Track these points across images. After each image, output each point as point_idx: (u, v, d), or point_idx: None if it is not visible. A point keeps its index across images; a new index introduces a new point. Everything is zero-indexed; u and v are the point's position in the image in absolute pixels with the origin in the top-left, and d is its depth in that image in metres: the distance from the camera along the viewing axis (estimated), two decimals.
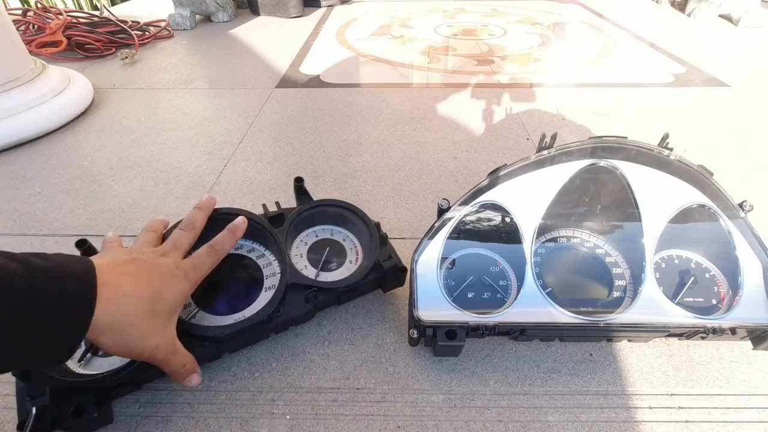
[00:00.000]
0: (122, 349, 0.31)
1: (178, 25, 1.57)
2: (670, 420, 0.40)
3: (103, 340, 0.30)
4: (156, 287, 0.33)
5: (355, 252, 0.50)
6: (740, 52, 1.35)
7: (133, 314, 0.31)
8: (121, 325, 0.30)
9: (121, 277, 0.31)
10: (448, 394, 0.42)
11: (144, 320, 0.31)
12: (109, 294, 0.29)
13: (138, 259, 0.34)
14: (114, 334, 0.30)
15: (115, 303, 0.30)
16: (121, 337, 0.30)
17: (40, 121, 0.87)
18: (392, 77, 1.18)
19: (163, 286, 0.34)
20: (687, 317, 0.42)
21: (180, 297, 0.35)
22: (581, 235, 0.49)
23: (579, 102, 1.01)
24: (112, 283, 0.30)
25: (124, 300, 0.30)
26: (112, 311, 0.29)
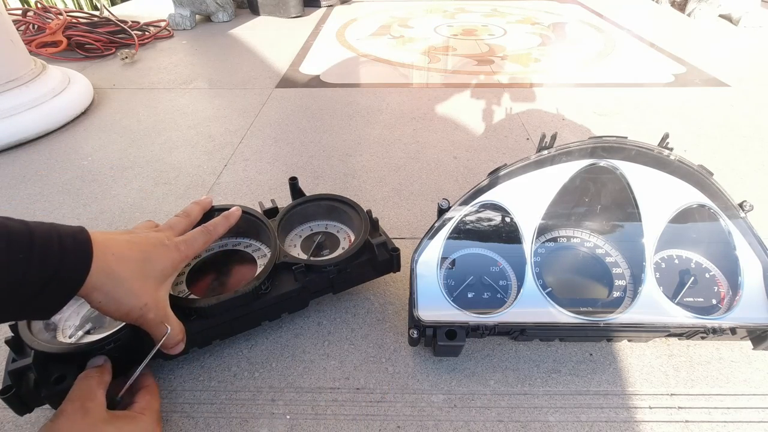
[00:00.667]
0: (112, 306, 0.32)
1: (178, 25, 1.57)
2: (670, 420, 0.40)
3: (95, 297, 0.31)
4: (147, 251, 0.35)
5: (348, 240, 0.50)
6: (740, 52, 1.35)
7: (123, 274, 0.32)
8: (111, 283, 0.31)
9: (113, 242, 0.33)
10: (448, 394, 0.42)
11: (134, 280, 0.33)
12: (102, 254, 0.31)
13: (132, 232, 0.37)
14: (105, 291, 0.31)
15: (107, 262, 0.31)
16: (111, 294, 0.31)
17: (40, 121, 0.87)
18: (392, 77, 1.18)
19: (154, 251, 0.35)
20: (687, 317, 0.42)
21: (170, 264, 0.36)
22: (581, 235, 0.49)
23: (579, 102, 1.01)
24: (103, 245, 0.32)
25: (115, 260, 0.32)
26: (104, 269, 0.31)
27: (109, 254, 0.31)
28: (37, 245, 0.28)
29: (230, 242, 0.50)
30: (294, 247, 0.49)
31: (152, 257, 0.35)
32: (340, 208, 0.51)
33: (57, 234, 0.30)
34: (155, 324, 0.35)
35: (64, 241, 0.30)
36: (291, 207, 0.51)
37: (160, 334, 0.36)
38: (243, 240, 0.50)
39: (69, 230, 0.31)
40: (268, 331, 0.48)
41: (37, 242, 0.28)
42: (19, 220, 0.29)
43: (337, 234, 0.51)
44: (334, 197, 0.52)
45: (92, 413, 0.31)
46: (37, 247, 0.28)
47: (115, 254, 0.32)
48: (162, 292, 0.36)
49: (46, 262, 0.28)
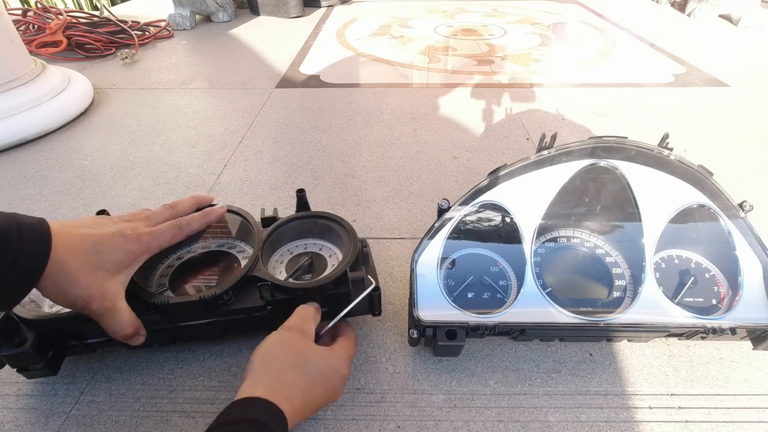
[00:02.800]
0: (58, 295, 0.33)
1: (178, 25, 1.57)
2: (670, 420, 0.40)
3: (44, 284, 0.32)
4: (99, 243, 0.35)
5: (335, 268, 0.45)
6: (740, 52, 1.35)
7: (71, 264, 0.33)
8: (57, 273, 0.32)
9: (68, 233, 0.33)
10: (448, 394, 0.42)
11: (81, 272, 0.33)
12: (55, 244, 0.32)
13: (97, 220, 0.37)
14: (51, 279, 0.32)
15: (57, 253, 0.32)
16: (56, 283, 0.32)
17: (40, 121, 0.87)
18: (392, 77, 1.18)
19: (108, 242, 0.35)
20: (687, 317, 0.42)
21: (126, 256, 0.36)
22: (581, 235, 0.49)
23: (579, 102, 1.01)
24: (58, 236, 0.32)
25: (65, 251, 0.33)
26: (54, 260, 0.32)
27: (60, 245, 0.32)
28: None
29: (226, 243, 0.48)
30: (280, 263, 0.46)
31: (104, 249, 0.35)
32: (337, 230, 0.48)
33: (16, 224, 0.30)
34: (99, 314, 0.35)
35: (24, 232, 0.30)
36: (287, 221, 0.48)
37: (105, 324, 0.36)
38: (238, 243, 0.48)
39: (29, 221, 0.32)
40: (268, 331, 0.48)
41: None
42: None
43: (328, 258, 0.47)
44: (334, 218, 0.48)
45: (306, 337, 0.37)
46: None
47: (67, 245, 0.33)
48: (112, 283, 0.35)
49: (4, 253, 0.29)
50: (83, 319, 0.38)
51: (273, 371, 0.34)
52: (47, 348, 0.40)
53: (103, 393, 0.42)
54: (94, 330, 0.39)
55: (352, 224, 0.47)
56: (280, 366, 0.34)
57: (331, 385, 0.36)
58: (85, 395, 0.42)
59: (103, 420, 0.40)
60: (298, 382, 0.34)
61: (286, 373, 0.34)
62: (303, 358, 0.35)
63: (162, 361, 0.45)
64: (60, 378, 0.43)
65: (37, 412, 0.40)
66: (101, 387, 0.43)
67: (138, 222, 0.39)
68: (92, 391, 0.42)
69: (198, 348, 0.46)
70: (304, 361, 0.35)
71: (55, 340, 0.40)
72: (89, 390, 0.42)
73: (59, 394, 0.42)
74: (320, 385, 0.35)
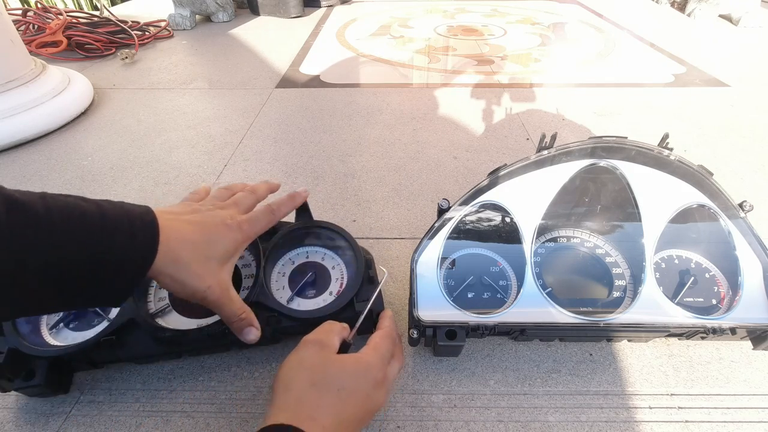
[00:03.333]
0: (178, 287, 0.33)
1: (178, 25, 1.57)
2: (670, 420, 0.40)
3: (162, 279, 0.32)
4: (209, 233, 0.35)
5: (339, 284, 0.45)
6: (740, 52, 1.35)
7: (186, 257, 0.32)
8: (174, 267, 0.32)
9: (178, 223, 0.33)
10: (448, 394, 0.42)
11: (197, 263, 0.33)
12: (166, 238, 0.31)
13: (197, 209, 0.37)
14: (169, 273, 0.32)
15: (170, 246, 0.31)
16: (175, 277, 0.32)
17: (40, 121, 0.87)
18: (392, 77, 1.18)
19: (216, 232, 0.35)
20: (687, 317, 0.42)
21: (232, 245, 0.36)
22: (581, 235, 0.49)
23: (579, 102, 1.01)
24: (168, 228, 0.32)
25: (178, 243, 0.32)
26: (168, 254, 0.31)
27: (172, 239, 0.32)
28: (109, 226, 0.28)
29: None
30: (283, 276, 0.46)
31: (214, 239, 0.35)
32: (342, 245, 0.47)
33: (126, 215, 0.30)
34: (218, 304, 0.35)
35: (134, 222, 0.30)
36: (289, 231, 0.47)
37: (222, 313, 0.36)
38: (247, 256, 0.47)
39: (137, 211, 0.31)
40: None
41: (109, 223, 0.29)
42: (93, 201, 0.30)
43: (332, 270, 0.46)
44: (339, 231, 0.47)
45: (327, 349, 0.35)
46: (108, 228, 0.28)
47: (177, 238, 0.32)
48: (224, 273, 0.36)
49: (116, 244, 0.28)
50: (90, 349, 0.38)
51: (293, 393, 0.32)
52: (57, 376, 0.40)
53: (103, 393, 0.42)
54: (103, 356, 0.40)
55: (352, 224, 0.47)
56: (300, 386, 0.32)
57: (364, 394, 0.33)
58: (85, 395, 0.42)
59: (103, 420, 0.40)
60: (322, 398, 0.31)
61: (306, 392, 0.31)
62: (323, 373, 0.33)
63: (163, 361, 0.45)
64: None
65: (37, 412, 0.40)
66: (101, 387, 0.43)
67: (231, 209, 0.38)
68: (92, 391, 0.42)
69: None
70: (324, 377, 0.32)
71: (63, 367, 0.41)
72: (89, 390, 0.42)
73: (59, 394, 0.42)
74: (351, 397, 0.32)
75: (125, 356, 0.40)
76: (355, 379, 0.33)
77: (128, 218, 0.30)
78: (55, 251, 0.26)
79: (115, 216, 0.29)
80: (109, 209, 0.30)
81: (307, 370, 0.33)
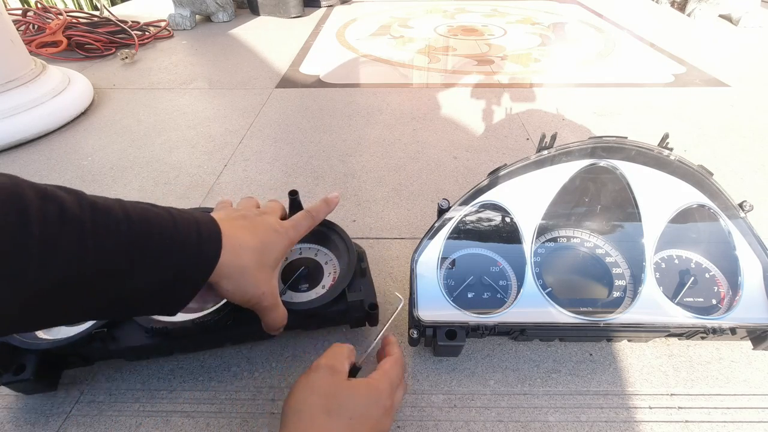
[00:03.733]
0: (238, 294, 0.33)
1: (178, 25, 1.57)
2: (670, 420, 0.40)
3: (224, 285, 0.32)
4: (264, 240, 0.35)
5: (332, 278, 0.45)
6: (740, 52, 1.35)
7: (247, 263, 0.33)
8: (238, 272, 0.33)
9: (236, 230, 0.34)
10: (448, 394, 0.42)
11: (255, 269, 0.34)
12: (229, 244, 0.32)
13: (246, 215, 0.37)
14: (233, 279, 0.32)
15: (234, 252, 0.32)
16: (238, 282, 0.33)
17: (40, 121, 0.87)
18: (392, 77, 1.18)
19: (269, 239, 0.36)
20: (687, 317, 0.42)
21: (281, 251, 0.37)
22: (581, 235, 0.49)
23: (579, 102, 1.01)
24: (230, 235, 0.33)
25: (241, 250, 0.33)
26: (232, 259, 0.32)
27: (236, 245, 0.32)
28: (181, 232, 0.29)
29: None
30: None
31: (269, 245, 0.36)
32: (334, 239, 0.47)
33: (195, 222, 0.31)
34: (268, 311, 0.36)
35: (202, 229, 0.31)
36: None
37: (268, 318, 0.37)
38: None
39: (204, 219, 0.32)
40: None
41: (181, 229, 0.29)
42: (163, 207, 0.31)
43: (324, 266, 0.47)
44: (330, 226, 0.48)
45: (338, 374, 0.34)
46: (181, 234, 0.29)
47: (241, 243, 0.33)
48: (275, 279, 0.37)
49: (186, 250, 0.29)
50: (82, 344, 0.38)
51: (304, 421, 0.31)
52: (47, 372, 0.40)
53: (103, 393, 0.42)
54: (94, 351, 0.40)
55: (352, 224, 0.47)
56: (311, 413, 0.31)
57: (374, 420, 0.33)
58: (85, 395, 0.42)
59: (103, 420, 0.40)
60: (335, 426, 0.31)
61: (319, 420, 0.31)
62: (335, 399, 0.32)
63: (162, 361, 0.45)
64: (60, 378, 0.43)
65: (37, 412, 0.40)
66: (101, 387, 0.43)
67: (272, 216, 0.39)
68: (92, 391, 0.42)
69: None
70: (336, 403, 0.32)
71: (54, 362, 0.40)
72: (89, 390, 0.42)
73: (59, 394, 0.42)
74: (361, 424, 0.32)
75: (116, 351, 0.40)
76: (366, 406, 0.33)
77: (197, 226, 0.31)
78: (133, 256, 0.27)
79: (186, 224, 0.30)
80: (179, 216, 0.31)
81: (319, 395, 0.32)
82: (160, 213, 0.30)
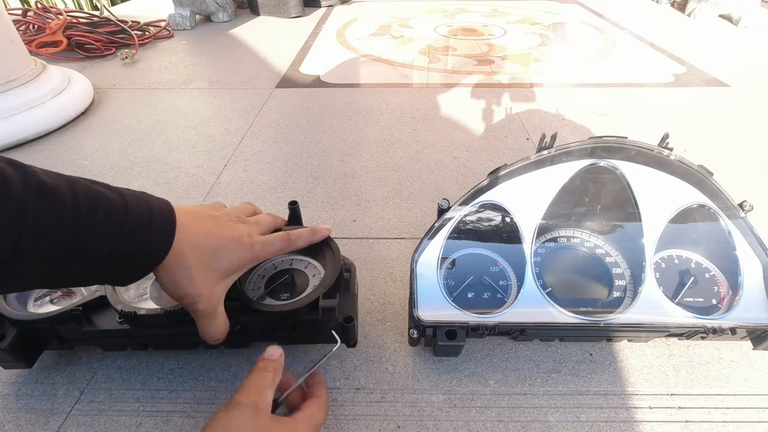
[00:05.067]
0: (171, 287, 0.33)
1: (178, 25, 1.57)
2: (670, 420, 0.40)
3: (160, 275, 0.32)
4: (219, 244, 0.35)
5: None
6: (740, 52, 1.35)
7: (190, 260, 0.32)
8: (177, 267, 0.32)
9: (193, 225, 0.33)
10: (448, 394, 0.42)
11: (198, 269, 0.33)
12: (179, 237, 0.32)
13: (217, 217, 0.37)
14: (170, 272, 0.32)
15: (182, 246, 0.32)
16: (174, 276, 0.32)
17: (40, 121, 0.87)
18: (392, 77, 1.18)
19: (227, 246, 0.35)
20: (687, 317, 0.42)
21: (237, 262, 0.36)
22: (581, 235, 0.49)
23: (579, 102, 1.01)
24: (184, 228, 0.32)
25: (188, 245, 0.32)
26: (177, 252, 0.31)
27: (185, 239, 0.32)
28: (130, 220, 0.29)
29: None
30: (262, 278, 0.44)
31: (223, 251, 0.35)
32: (325, 250, 0.45)
33: (148, 209, 0.31)
34: (202, 315, 0.35)
35: (154, 218, 0.30)
36: None
37: (203, 326, 0.36)
38: None
39: (158, 205, 0.32)
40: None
41: (131, 217, 0.29)
42: (116, 189, 0.30)
43: (311, 278, 0.43)
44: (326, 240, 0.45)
45: (261, 413, 0.32)
46: (130, 221, 0.29)
47: (191, 240, 0.33)
48: (219, 287, 0.35)
49: (134, 238, 0.29)
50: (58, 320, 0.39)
51: None
52: (25, 346, 0.40)
53: (103, 393, 0.42)
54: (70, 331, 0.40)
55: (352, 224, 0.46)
56: None
57: None
58: (85, 395, 0.42)
59: (103, 420, 0.40)
60: None
61: None
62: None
63: (162, 361, 0.45)
64: (60, 378, 0.43)
65: (37, 412, 0.40)
66: (101, 387, 0.43)
67: (251, 227, 0.38)
68: (92, 391, 0.42)
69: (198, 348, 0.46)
70: None
71: (34, 338, 0.41)
72: (89, 390, 0.42)
73: (59, 394, 0.42)
74: None
75: (90, 333, 0.40)
76: None
77: (149, 213, 0.30)
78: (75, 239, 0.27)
79: (138, 210, 0.30)
80: (133, 203, 0.30)
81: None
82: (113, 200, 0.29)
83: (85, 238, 0.27)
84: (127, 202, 0.30)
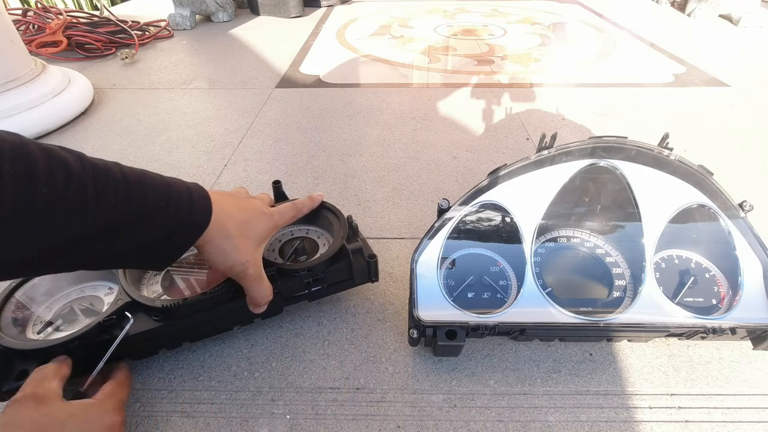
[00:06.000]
0: (220, 259, 0.35)
1: (178, 25, 1.57)
2: (670, 420, 0.40)
3: (207, 249, 0.34)
4: (250, 215, 0.38)
5: (327, 246, 0.48)
6: (740, 52, 1.35)
7: (231, 231, 0.35)
8: (222, 238, 0.35)
9: (224, 203, 0.36)
10: (448, 394, 0.42)
11: (239, 238, 0.36)
12: (217, 211, 0.34)
13: (237, 195, 0.40)
14: (216, 244, 0.34)
15: (219, 220, 0.34)
16: (221, 247, 0.35)
17: (40, 121, 0.87)
18: (392, 77, 1.18)
19: (255, 217, 0.39)
20: (687, 317, 0.42)
21: (266, 230, 0.40)
22: (581, 235, 0.49)
23: (579, 102, 1.01)
24: (218, 203, 0.35)
25: (227, 219, 0.35)
26: (218, 225, 0.34)
27: (222, 212, 0.35)
28: (174, 194, 0.32)
29: None
30: (272, 251, 0.48)
31: (254, 221, 0.38)
32: (322, 213, 0.50)
33: (185, 186, 0.33)
34: (252, 279, 0.38)
35: (193, 195, 0.33)
36: None
37: (254, 290, 0.38)
38: None
39: (193, 186, 0.34)
40: (267, 330, 0.48)
41: (174, 191, 0.32)
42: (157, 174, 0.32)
43: (318, 240, 0.49)
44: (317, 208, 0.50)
45: (45, 401, 0.31)
46: (174, 195, 0.31)
47: (227, 213, 0.35)
48: (258, 253, 0.38)
49: (179, 210, 0.32)
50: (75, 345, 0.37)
51: None
52: None
53: None
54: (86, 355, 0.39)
55: None
56: None
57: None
58: None
59: None
60: None
61: None
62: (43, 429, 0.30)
63: (162, 361, 0.45)
64: None
65: None
66: None
67: (261, 201, 0.42)
68: None
69: (198, 348, 0.46)
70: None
71: None
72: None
73: None
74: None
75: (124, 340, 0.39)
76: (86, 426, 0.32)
77: (187, 189, 0.33)
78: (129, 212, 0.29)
79: (178, 187, 0.33)
80: (172, 180, 0.33)
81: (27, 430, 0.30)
82: (154, 177, 0.32)
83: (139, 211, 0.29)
84: (166, 180, 0.32)
